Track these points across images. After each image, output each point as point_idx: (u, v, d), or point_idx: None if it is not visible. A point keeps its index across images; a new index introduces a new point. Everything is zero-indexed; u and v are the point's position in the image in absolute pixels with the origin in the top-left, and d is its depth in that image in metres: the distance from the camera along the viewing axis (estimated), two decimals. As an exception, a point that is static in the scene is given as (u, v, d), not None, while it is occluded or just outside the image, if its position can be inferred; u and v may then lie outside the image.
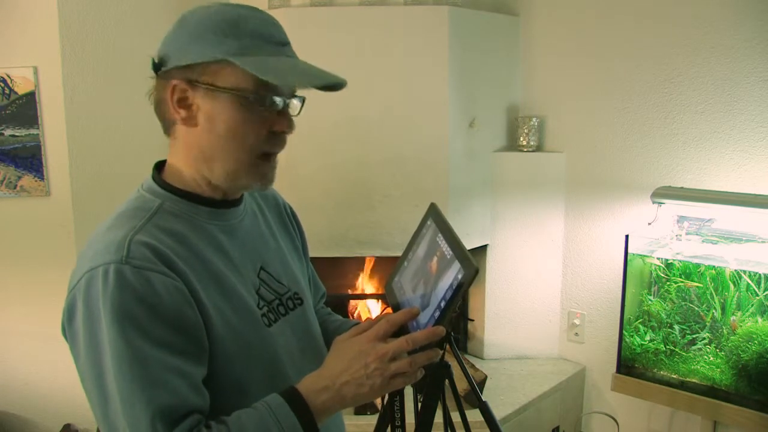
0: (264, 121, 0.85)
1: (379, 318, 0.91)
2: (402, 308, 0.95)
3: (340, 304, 2.53)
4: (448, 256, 0.94)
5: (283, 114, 0.87)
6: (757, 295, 1.85)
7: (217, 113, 0.84)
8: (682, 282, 1.99)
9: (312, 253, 1.23)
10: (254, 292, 0.92)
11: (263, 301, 0.93)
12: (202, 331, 0.82)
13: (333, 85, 0.87)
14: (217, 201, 0.91)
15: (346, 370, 0.82)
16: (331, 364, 0.85)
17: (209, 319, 0.83)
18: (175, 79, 0.84)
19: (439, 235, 1.02)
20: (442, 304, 0.88)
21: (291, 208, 1.14)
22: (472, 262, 0.87)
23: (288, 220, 1.11)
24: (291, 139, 0.97)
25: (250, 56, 0.82)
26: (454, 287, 0.87)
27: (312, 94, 0.95)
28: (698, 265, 1.95)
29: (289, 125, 0.87)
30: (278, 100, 0.85)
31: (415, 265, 1.05)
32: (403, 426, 1.63)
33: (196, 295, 0.82)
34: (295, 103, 0.90)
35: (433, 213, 1.09)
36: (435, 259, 0.99)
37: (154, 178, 0.91)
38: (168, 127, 0.90)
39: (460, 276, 0.87)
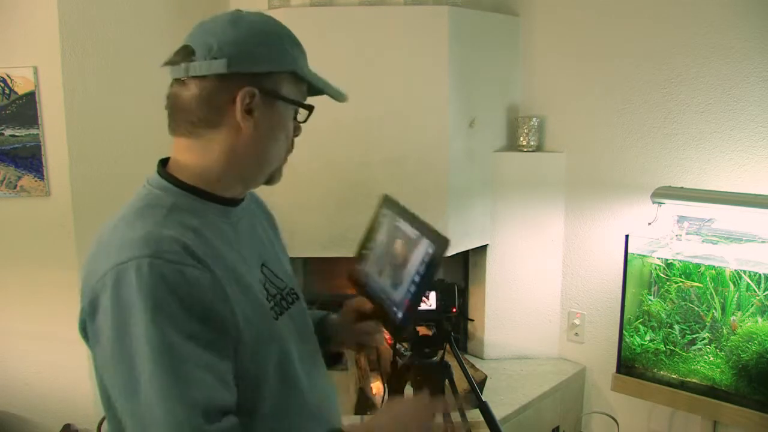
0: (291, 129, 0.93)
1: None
2: (369, 294, 1.08)
3: (339, 304, 2.52)
4: (414, 237, 1.02)
5: (297, 122, 0.94)
6: (757, 295, 1.85)
7: (273, 121, 0.89)
8: (682, 282, 1.99)
9: (311, 253, 1.24)
10: (262, 287, 0.94)
11: (269, 295, 0.95)
12: (230, 325, 0.83)
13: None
14: (225, 199, 0.93)
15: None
16: (380, 419, 0.95)
17: (234, 314, 0.83)
18: (247, 86, 0.86)
19: (399, 220, 1.09)
20: (416, 279, 0.97)
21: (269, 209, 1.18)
22: (443, 235, 0.96)
23: (272, 219, 1.14)
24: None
25: (305, 69, 0.91)
26: (426, 261, 0.96)
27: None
28: (698, 265, 1.95)
29: (300, 131, 0.95)
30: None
31: (378, 252, 1.11)
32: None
33: (224, 290, 0.83)
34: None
35: (387, 203, 1.15)
36: (399, 242, 1.06)
37: (162, 176, 0.91)
38: (201, 126, 0.88)
39: (430, 250, 0.96)
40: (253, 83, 0.86)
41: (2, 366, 2.33)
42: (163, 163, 0.94)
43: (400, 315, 0.99)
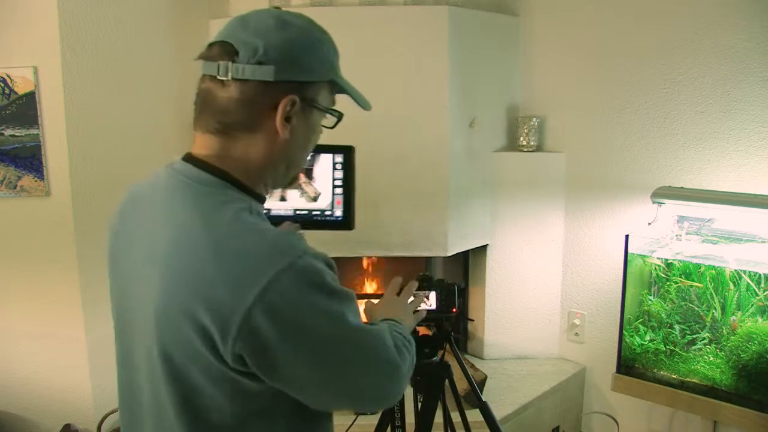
0: None
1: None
2: (283, 221, 1.22)
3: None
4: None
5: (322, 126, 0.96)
6: (757, 295, 1.85)
7: (308, 128, 0.91)
8: (682, 282, 1.99)
9: None
10: None
11: None
12: None
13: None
14: (263, 197, 0.94)
15: (399, 311, 1.16)
16: (375, 306, 1.18)
17: None
18: (292, 94, 0.85)
19: None
20: (338, 183, 1.27)
21: None
22: (344, 145, 1.27)
23: None
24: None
25: (348, 85, 0.95)
26: (341, 168, 1.27)
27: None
28: (698, 265, 1.95)
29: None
30: None
31: None
32: (403, 426, 1.64)
33: None
34: None
35: None
36: None
37: (216, 174, 0.87)
38: (236, 128, 0.86)
39: (338, 158, 1.27)
40: (296, 91, 0.85)
41: (2, 366, 2.33)
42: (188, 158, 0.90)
43: (339, 212, 1.28)
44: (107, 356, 2.50)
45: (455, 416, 1.69)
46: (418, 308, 1.26)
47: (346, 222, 1.28)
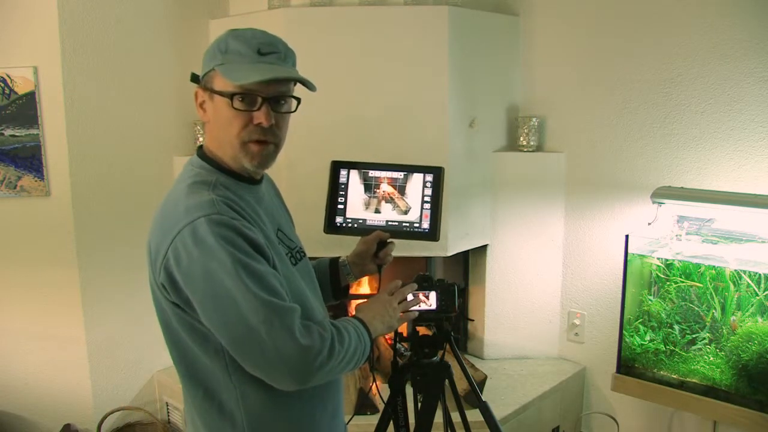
0: (246, 116, 1.08)
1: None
2: (375, 230, 1.39)
3: (340, 303, 2.52)
4: (401, 176, 1.41)
5: (263, 110, 1.08)
6: (757, 295, 1.85)
7: (215, 111, 1.11)
8: (682, 282, 1.99)
9: (312, 253, 1.29)
10: (280, 243, 1.18)
11: (286, 249, 1.20)
12: (272, 266, 1.08)
13: (299, 81, 1.11)
14: (247, 178, 1.16)
15: (378, 313, 1.25)
16: (363, 308, 1.26)
17: (272, 258, 1.09)
18: (197, 88, 1.14)
19: (368, 171, 1.41)
20: (427, 199, 1.38)
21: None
22: (434, 166, 1.39)
23: (280, 196, 1.38)
24: (290, 139, 1.15)
25: (230, 65, 1.08)
26: (430, 186, 1.38)
27: (312, 94, 1.11)
28: (698, 265, 1.95)
29: (266, 119, 1.08)
30: (258, 99, 1.08)
31: (360, 200, 1.41)
32: (406, 426, 1.64)
33: (265, 239, 1.08)
34: (292, 102, 1.14)
35: (339, 166, 1.42)
36: (382, 186, 1.41)
37: (203, 158, 1.15)
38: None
39: (429, 178, 1.39)
40: (200, 85, 1.13)
41: (2, 366, 2.33)
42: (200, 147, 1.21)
43: (426, 225, 1.38)
44: (107, 356, 2.51)
45: (455, 416, 1.69)
46: (411, 309, 1.32)
47: (431, 233, 1.38)
